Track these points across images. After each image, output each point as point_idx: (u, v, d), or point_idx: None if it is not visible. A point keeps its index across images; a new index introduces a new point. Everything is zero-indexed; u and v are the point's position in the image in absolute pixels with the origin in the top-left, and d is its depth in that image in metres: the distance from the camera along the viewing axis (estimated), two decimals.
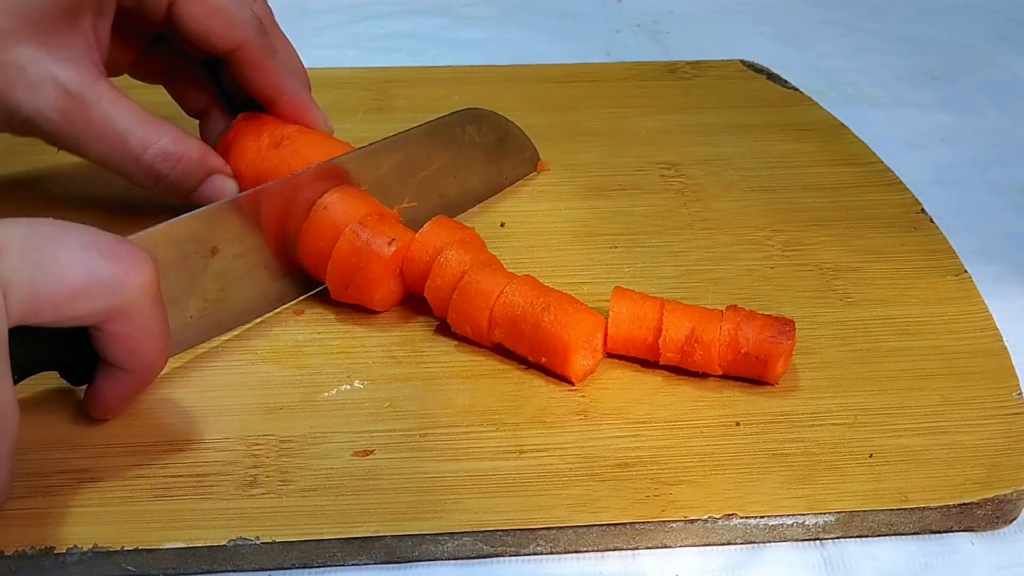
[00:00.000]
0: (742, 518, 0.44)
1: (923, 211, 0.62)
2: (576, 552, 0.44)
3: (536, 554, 0.44)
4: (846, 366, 0.51)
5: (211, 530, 0.43)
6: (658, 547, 0.45)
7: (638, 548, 0.45)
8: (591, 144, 0.67)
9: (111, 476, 0.45)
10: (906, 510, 0.45)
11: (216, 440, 0.46)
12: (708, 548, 0.45)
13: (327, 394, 0.49)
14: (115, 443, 0.46)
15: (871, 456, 0.47)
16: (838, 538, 0.45)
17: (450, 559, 0.44)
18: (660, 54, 0.83)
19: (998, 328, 0.54)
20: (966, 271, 0.57)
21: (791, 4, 0.91)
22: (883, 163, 0.66)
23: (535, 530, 0.44)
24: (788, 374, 0.50)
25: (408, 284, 0.53)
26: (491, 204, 0.61)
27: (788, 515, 0.44)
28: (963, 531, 0.46)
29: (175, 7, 0.53)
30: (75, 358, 0.44)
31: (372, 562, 0.44)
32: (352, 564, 0.44)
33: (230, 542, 0.42)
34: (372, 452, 0.46)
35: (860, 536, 0.46)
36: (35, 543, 0.42)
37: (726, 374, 0.50)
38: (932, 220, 0.61)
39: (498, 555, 0.44)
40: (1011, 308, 0.56)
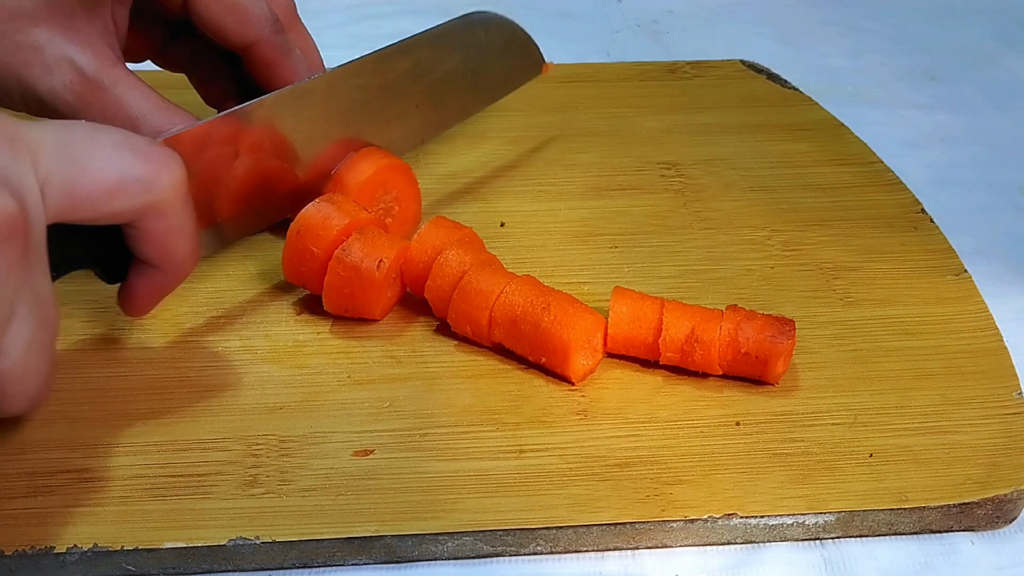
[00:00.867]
0: (742, 518, 0.44)
1: (923, 211, 0.62)
2: (576, 552, 0.44)
3: (536, 554, 0.44)
4: (846, 366, 0.51)
5: (211, 530, 0.43)
6: (658, 547, 0.45)
7: (638, 548, 0.45)
8: (591, 144, 0.67)
9: (111, 476, 0.45)
10: (906, 510, 0.45)
11: (216, 440, 0.46)
12: (708, 548, 0.45)
13: (327, 394, 0.49)
14: (115, 443, 0.46)
15: (871, 456, 0.47)
16: (838, 538, 0.45)
17: (450, 559, 0.44)
18: (660, 54, 0.83)
19: (998, 328, 0.54)
20: (966, 271, 0.57)
21: (791, 4, 0.91)
22: (883, 163, 0.66)
23: (535, 530, 0.44)
24: (788, 374, 0.50)
25: (408, 284, 0.53)
26: (491, 204, 0.61)
27: (788, 515, 0.44)
28: (963, 531, 0.46)
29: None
30: (109, 257, 0.45)
31: (372, 562, 0.44)
32: (352, 564, 0.44)
33: (230, 542, 0.42)
34: (372, 452, 0.46)
35: (860, 536, 0.46)
36: (35, 543, 0.42)
37: (726, 374, 0.50)
38: (932, 220, 0.61)
39: (498, 555, 0.44)
40: (1011, 308, 0.56)
